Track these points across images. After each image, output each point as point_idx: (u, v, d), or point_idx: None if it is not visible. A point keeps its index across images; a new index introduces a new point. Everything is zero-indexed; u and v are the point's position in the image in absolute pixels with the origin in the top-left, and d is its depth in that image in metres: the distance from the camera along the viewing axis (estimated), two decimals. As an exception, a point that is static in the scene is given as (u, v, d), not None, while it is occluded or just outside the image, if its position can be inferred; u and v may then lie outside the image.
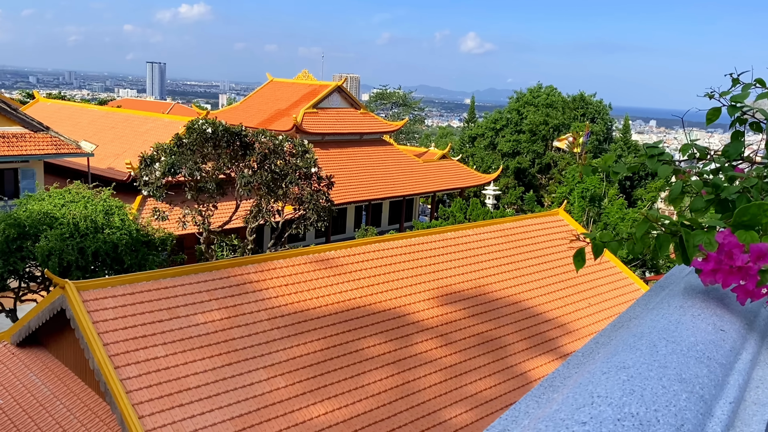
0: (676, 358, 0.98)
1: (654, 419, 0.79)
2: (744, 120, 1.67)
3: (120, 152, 31.12)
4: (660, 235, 1.32)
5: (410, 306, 15.45)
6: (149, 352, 11.31)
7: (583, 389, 0.84)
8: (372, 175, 38.77)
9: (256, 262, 14.19)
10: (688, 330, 1.12)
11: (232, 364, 11.92)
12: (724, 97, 1.62)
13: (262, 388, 11.77)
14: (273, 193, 20.69)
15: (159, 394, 10.74)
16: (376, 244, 16.96)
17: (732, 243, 1.20)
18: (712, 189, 1.44)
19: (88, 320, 11.11)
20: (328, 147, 38.05)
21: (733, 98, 1.63)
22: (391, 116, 68.26)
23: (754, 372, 1.12)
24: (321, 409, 12.04)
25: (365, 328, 14.27)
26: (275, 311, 13.41)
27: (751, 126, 1.67)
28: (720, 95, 1.63)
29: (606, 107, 54.76)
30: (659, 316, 1.19)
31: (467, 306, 16.30)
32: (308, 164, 20.67)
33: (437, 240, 18.11)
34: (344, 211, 38.06)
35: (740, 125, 1.67)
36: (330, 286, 14.79)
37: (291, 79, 43.44)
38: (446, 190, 43.32)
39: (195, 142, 20.43)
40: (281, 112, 38.81)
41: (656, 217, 1.32)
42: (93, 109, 41.25)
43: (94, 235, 18.05)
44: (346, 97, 41.71)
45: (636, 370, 0.91)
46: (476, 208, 38.23)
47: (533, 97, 55.07)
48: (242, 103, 43.52)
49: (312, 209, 21.08)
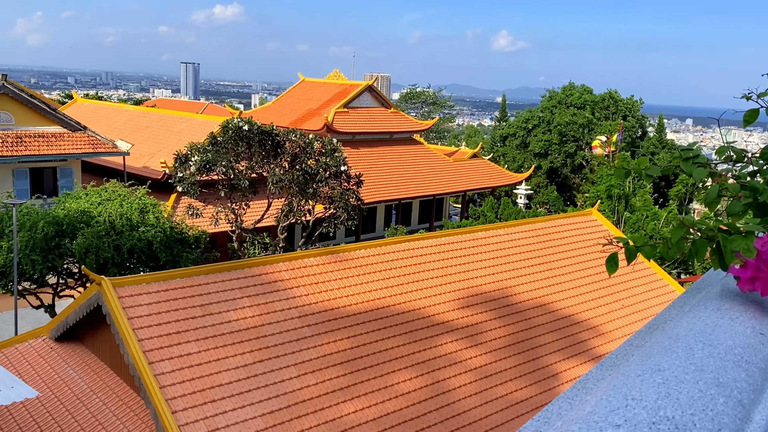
0: (713, 362, 0.97)
1: (690, 423, 0.78)
2: (785, 120, 1.63)
3: (155, 151, 31.68)
4: (696, 241, 1.30)
5: (439, 306, 15.41)
6: (182, 348, 11.49)
7: (617, 392, 0.84)
8: (402, 174, 38.74)
9: (288, 260, 14.31)
10: (725, 333, 1.10)
11: (263, 361, 12.04)
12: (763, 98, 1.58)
13: (292, 385, 11.87)
14: (304, 192, 20.83)
15: (192, 390, 10.91)
16: (406, 244, 16.93)
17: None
18: (750, 192, 1.41)
19: (123, 316, 11.34)
20: (359, 146, 38.15)
21: (774, 98, 1.59)
22: (421, 115, 68.10)
23: (794, 377, 1.09)
24: (351, 408, 12.09)
25: (394, 327, 14.27)
26: (306, 309, 13.50)
27: None
28: (758, 96, 1.59)
29: (637, 105, 53.79)
30: (695, 318, 1.17)
31: (497, 307, 16.19)
32: (338, 163, 20.77)
33: (467, 240, 18.02)
34: (374, 210, 38.12)
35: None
36: (359, 285, 14.83)
37: (322, 78, 43.67)
38: (477, 189, 43.08)
39: (229, 141, 20.69)
40: (312, 112, 39.04)
41: (692, 222, 1.30)
42: (129, 108, 42.07)
43: (129, 233, 18.41)
44: (377, 97, 41.76)
45: (672, 373, 0.90)
46: (507, 207, 37.95)
47: (566, 96, 54.36)
48: (274, 103, 43.90)
49: (342, 208, 21.17)
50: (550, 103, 54.68)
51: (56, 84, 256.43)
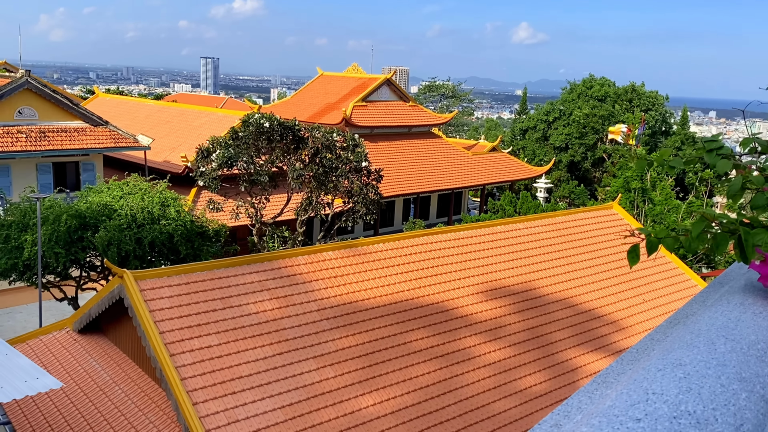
0: (735, 357, 0.96)
1: (712, 418, 0.78)
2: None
3: (175, 146, 31.96)
4: (718, 234, 1.29)
5: (458, 300, 15.39)
6: (203, 341, 11.62)
7: (638, 386, 0.83)
8: (420, 168, 38.67)
9: (307, 254, 14.37)
10: (748, 328, 1.09)
11: (282, 353, 12.13)
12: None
13: (312, 378, 11.95)
14: (323, 186, 20.89)
15: (212, 382, 11.03)
16: (424, 237, 16.92)
17: (794, 243, 1.15)
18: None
19: (145, 309, 11.49)
20: (377, 140, 38.13)
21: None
22: (440, 108, 67.84)
23: (818, 372, 1.08)
24: (370, 400, 12.14)
25: (412, 321, 14.29)
26: (324, 302, 13.57)
27: None
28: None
29: (661, 98, 53.02)
30: (718, 313, 1.16)
31: (516, 301, 16.12)
32: (359, 158, 20.80)
33: (486, 234, 17.95)
34: (392, 204, 38.11)
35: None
36: (378, 279, 14.85)
37: (341, 72, 43.69)
38: (496, 183, 42.87)
39: (250, 136, 20.81)
40: (331, 106, 39.08)
41: (713, 216, 1.28)
42: (149, 103, 42.47)
43: (150, 226, 18.62)
44: (395, 90, 41.68)
45: (693, 368, 0.89)
46: (527, 201, 37.71)
47: (587, 89, 53.76)
48: (293, 97, 44.03)
49: (361, 202, 21.20)
50: (571, 95, 54.13)
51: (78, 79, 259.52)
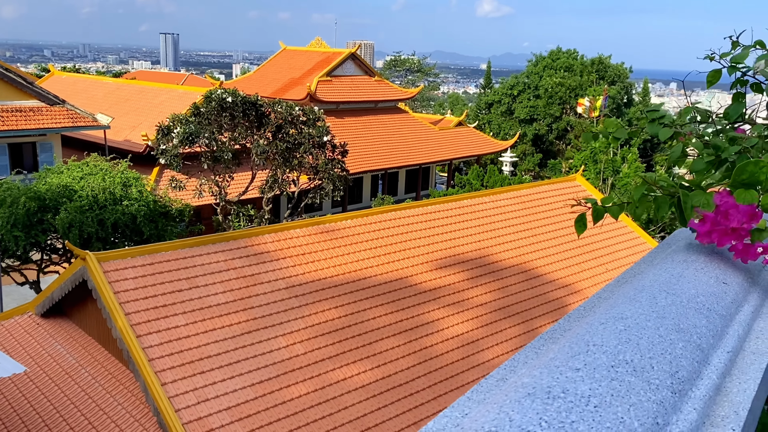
0: (675, 309, 0.99)
1: (648, 366, 0.80)
2: (745, 81, 1.65)
3: (136, 124, 31.28)
4: (658, 198, 1.32)
5: (426, 274, 15.53)
6: (170, 321, 11.53)
7: (580, 339, 0.86)
8: (388, 143, 38.60)
9: (273, 232, 14.30)
10: (689, 283, 1.13)
11: (251, 332, 12.12)
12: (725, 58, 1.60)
13: (281, 355, 11.98)
14: (288, 162, 20.73)
15: (180, 362, 10.98)
16: (392, 213, 16.98)
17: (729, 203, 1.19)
18: (712, 150, 1.43)
19: (109, 290, 11.33)
20: (343, 115, 37.88)
21: (733, 59, 1.61)
22: (406, 83, 67.59)
23: (755, 323, 1.12)
24: (340, 375, 12.24)
25: (381, 296, 14.39)
26: (292, 280, 13.55)
27: (751, 87, 1.65)
28: (720, 57, 1.61)
29: (626, 70, 53.69)
30: (662, 270, 1.19)
31: (483, 273, 16.34)
32: (321, 133, 20.64)
33: (453, 208, 18.09)
34: (360, 180, 38.04)
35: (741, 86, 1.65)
36: (346, 255, 14.88)
37: (304, 47, 43.10)
38: (463, 157, 43.07)
39: (212, 112, 20.46)
40: (295, 81, 38.61)
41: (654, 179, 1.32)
42: (108, 81, 41.37)
43: (113, 207, 18.27)
44: (360, 65, 41.32)
45: (633, 321, 0.92)
46: (493, 175, 38.05)
47: (552, 60, 54.03)
48: (255, 73, 43.33)
49: (327, 178, 21.11)
50: (537, 68, 54.38)
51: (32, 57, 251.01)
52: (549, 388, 0.70)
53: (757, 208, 1.20)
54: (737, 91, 1.67)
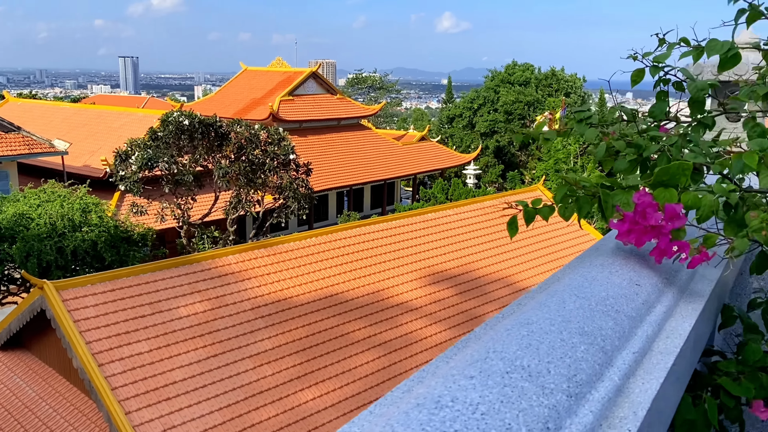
0: (581, 313, 1.00)
1: (545, 370, 0.80)
2: (667, 80, 1.69)
3: (95, 149, 30.74)
4: (580, 198, 1.34)
5: (395, 288, 15.52)
6: (133, 348, 11.27)
7: (482, 345, 0.86)
8: (352, 160, 38.65)
9: (237, 253, 14.15)
10: (601, 286, 1.14)
11: (217, 355, 11.91)
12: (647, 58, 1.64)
13: (249, 377, 11.79)
14: (251, 182, 20.58)
15: (145, 389, 10.72)
16: (358, 229, 16.98)
17: (646, 203, 1.21)
18: (635, 149, 1.45)
19: (68, 319, 11.03)
20: (306, 134, 37.84)
21: (655, 59, 1.64)
22: (368, 100, 67.90)
23: (667, 323, 1.14)
24: (309, 395, 12.10)
25: (350, 312, 14.32)
26: (259, 300, 13.40)
27: (674, 85, 1.69)
28: (643, 56, 1.64)
29: (579, 81, 54.85)
30: (577, 274, 1.20)
31: (452, 285, 16.40)
32: (285, 152, 20.57)
33: (419, 222, 18.17)
34: (325, 197, 37.96)
35: (664, 85, 1.69)
36: (313, 273, 14.79)
37: (265, 67, 43.03)
38: (427, 171, 43.34)
39: (170, 135, 20.23)
40: (257, 101, 38.48)
41: (575, 180, 1.33)
42: (65, 106, 40.62)
43: (72, 234, 17.85)
44: (322, 83, 41.41)
45: (538, 326, 0.93)
46: (457, 188, 38.36)
47: (508, 75, 54.97)
48: (217, 94, 43.07)
49: (292, 197, 21.00)
50: (493, 82, 55.21)
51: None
52: (439, 398, 0.70)
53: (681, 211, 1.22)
54: (660, 90, 1.70)
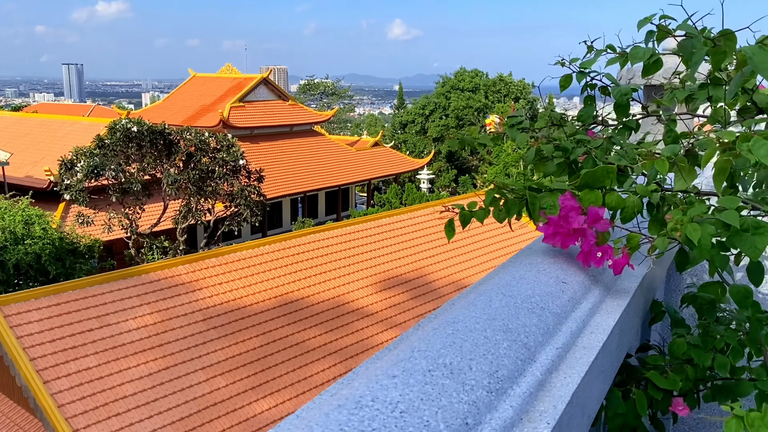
0: (507, 311, 1.03)
1: (467, 367, 0.82)
2: (594, 85, 1.75)
3: (38, 159, 29.74)
4: (508, 201, 1.37)
5: (351, 294, 15.49)
6: (80, 363, 10.94)
7: (408, 345, 0.87)
8: (305, 166, 38.46)
9: (188, 263, 13.89)
10: (528, 284, 1.17)
11: (168, 367, 11.66)
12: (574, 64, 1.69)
13: (201, 390, 11.58)
14: (202, 191, 20.25)
15: (93, 405, 10.42)
16: (313, 235, 16.89)
17: (569, 206, 1.25)
18: (561, 153, 1.50)
19: (10, 335, 10.63)
20: (258, 141, 37.48)
21: (582, 65, 1.70)
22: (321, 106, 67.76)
23: (593, 319, 1.18)
24: (265, 405, 11.95)
25: (306, 320, 14.22)
26: (211, 311, 13.18)
27: (600, 90, 1.75)
28: (570, 62, 1.70)
29: (528, 86, 55.96)
30: (506, 273, 1.23)
31: (407, 289, 16.46)
32: (235, 158, 20.32)
33: (373, 227, 18.19)
34: (279, 204, 37.65)
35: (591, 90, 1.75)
36: (267, 281, 14.64)
37: (214, 73, 42.46)
38: (381, 177, 43.47)
39: (117, 143, 19.75)
40: (206, 108, 37.92)
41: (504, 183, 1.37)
42: (5, 115, 39.19)
43: (14, 247, 17.23)
44: (273, 89, 41.11)
45: (463, 324, 0.95)
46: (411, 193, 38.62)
47: (458, 81, 55.74)
48: (165, 101, 42.26)
49: (244, 205, 20.75)
50: (444, 89, 55.89)
51: None
52: (360, 398, 0.71)
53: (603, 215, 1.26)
54: (588, 95, 1.76)
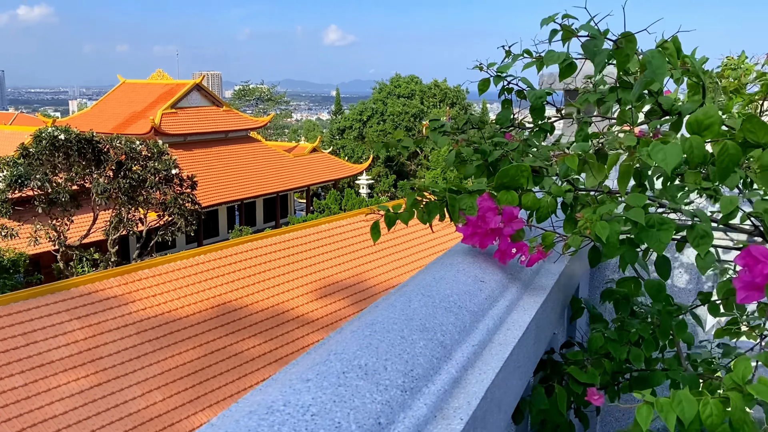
0: (425, 310, 1.05)
1: (381, 368, 0.83)
2: (510, 89, 1.80)
3: (-45, 170, 28.15)
4: (429, 203, 1.40)
5: (291, 302, 15.34)
6: (5, 383, 10.43)
7: (325, 348, 0.87)
8: (241, 173, 37.88)
9: (119, 275, 13.45)
10: (447, 284, 1.20)
11: (101, 384, 11.25)
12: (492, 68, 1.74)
13: (137, 405, 11.22)
14: (133, 200, 19.64)
15: (20, 426, 9.93)
16: (251, 243, 16.66)
17: (486, 207, 1.28)
18: (480, 155, 1.54)
19: (-74, 358, 10.02)
20: (192, 148, 36.68)
21: (498, 69, 1.75)
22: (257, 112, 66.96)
23: (510, 316, 1.21)
24: (203, 418, 11.68)
25: (245, 329, 13.99)
26: (145, 324, 12.80)
27: (516, 94, 1.81)
28: (488, 67, 1.75)
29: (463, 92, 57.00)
30: (427, 274, 1.26)
31: (348, 295, 16.44)
32: (167, 166, 19.81)
33: (312, 233, 18.08)
34: (215, 213, 36.93)
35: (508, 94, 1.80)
36: (204, 291, 14.34)
37: (145, 80, 41.32)
38: (320, 183, 43.28)
39: (43, 152, 18.93)
40: (137, 115, 36.84)
41: (424, 186, 1.39)
42: None
43: (-71, 264, 16.24)
44: (207, 95, 40.34)
45: (381, 325, 0.96)
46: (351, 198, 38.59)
47: (395, 87, 56.25)
48: (94, 108, 40.82)
49: (178, 214, 20.25)
50: (381, 94, 56.25)
51: None
52: (272, 403, 0.71)
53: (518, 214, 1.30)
54: (505, 98, 1.81)
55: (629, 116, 1.54)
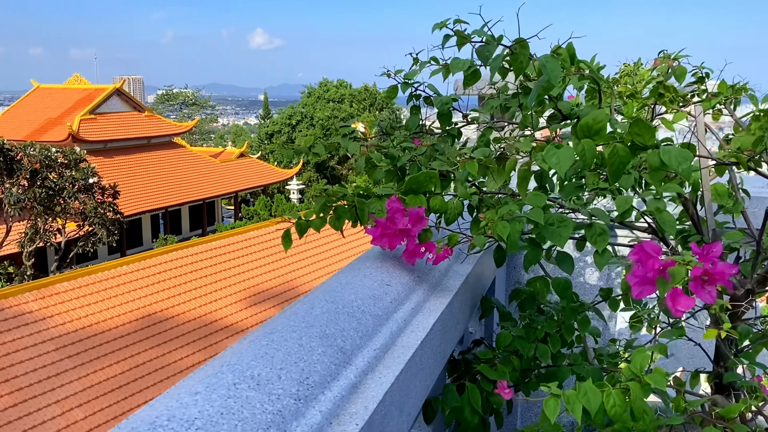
0: (326, 317, 1.05)
1: (275, 377, 0.83)
2: (419, 95, 1.84)
3: None
4: (338, 208, 1.40)
5: (220, 311, 15.02)
6: None
7: (219, 360, 0.86)
8: (165, 180, 36.81)
9: (35, 289, 12.80)
10: (352, 289, 1.20)
11: (17, 404, 10.67)
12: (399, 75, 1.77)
13: (56, 425, 10.70)
14: (50, 210, 18.74)
15: (-75, 456, 9.28)
16: (176, 252, 16.22)
17: (395, 209, 1.31)
18: (389, 160, 1.56)
19: None
20: (113, 155, 35.36)
21: (406, 76, 1.78)
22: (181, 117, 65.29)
23: (415, 319, 1.23)
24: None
25: (173, 340, 13.60)
26: (64, 339, 12.22)
27: (423, 100, 1.84)
28: (395, 73, 1.77)
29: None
30: (334, 280, 1.26)
31: (278, 302, 16.23)
32: (85, 175, 19.01)
33: (240, 240, 17.76)
34: (138, 221, 35.72)
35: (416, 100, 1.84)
36: (128, 303, 13.84)
37: (61, 84, 39.53)
38: (248, 189, 42.59)
39: (-53, 162, 17.78)
40: (53, 121, 35.20)
41: (334, 192, 1.40)
42: None
43: None
44: (128, 100, 39.01)
45: (280, 334, 0.95)
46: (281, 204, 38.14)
47: (324, 91, 56.10)
48: (5, 114, 38.72)
49: (98, 223, 19.46)
50: (310, 99, 55.98)
51: None
52: (156, 419, 0.69)
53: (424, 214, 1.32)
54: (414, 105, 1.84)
55: (530, 121, 1.60)
